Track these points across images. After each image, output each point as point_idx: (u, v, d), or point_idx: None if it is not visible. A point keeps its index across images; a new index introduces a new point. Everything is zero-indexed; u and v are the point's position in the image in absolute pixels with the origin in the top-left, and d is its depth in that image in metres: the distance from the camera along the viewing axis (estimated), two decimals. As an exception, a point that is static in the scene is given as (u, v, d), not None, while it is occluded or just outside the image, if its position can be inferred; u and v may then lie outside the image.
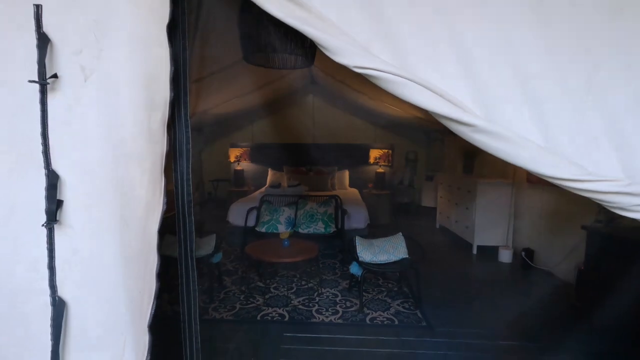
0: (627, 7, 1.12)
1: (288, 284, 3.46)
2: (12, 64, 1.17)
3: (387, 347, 2.47)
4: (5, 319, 1.24)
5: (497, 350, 2.38)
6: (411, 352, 2.40)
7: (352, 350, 2.41)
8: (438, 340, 2.53)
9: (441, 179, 5.93)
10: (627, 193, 1.07)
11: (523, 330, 2.60)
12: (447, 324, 2.74)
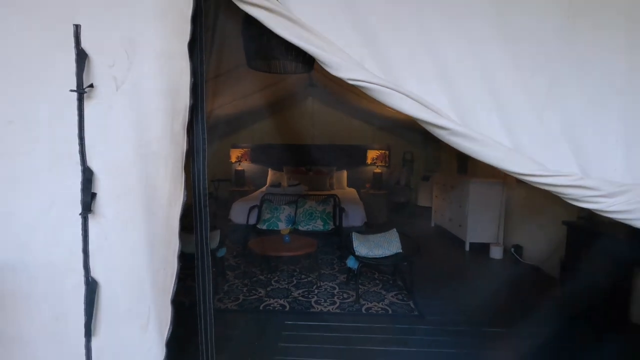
0: (581, 27, 1.32)
1: (288, 278, 3.64)
2: (52, 75, 1.35)
3: (381, 334, 2.65)
4: (45, 297, 1.43)
5: (483, 336, 2.57)
6: (403, 338, 2.59)
7: (349, 337, 2.59)
8: (428, 328, 2.71)
9: (437, 179, 6.12)
10: (579, 186, 1.26)
11: (507, 318, 2.78)
12: (437, 314, 2.92)
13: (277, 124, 7.24)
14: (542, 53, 1.33)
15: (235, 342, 2.47)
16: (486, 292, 3.34)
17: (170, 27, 1.34)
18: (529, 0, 1.30)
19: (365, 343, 2.53)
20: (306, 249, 3.39)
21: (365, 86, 1.26)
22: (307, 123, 7.15)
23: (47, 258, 1.41)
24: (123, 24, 1.33)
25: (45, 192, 1.38)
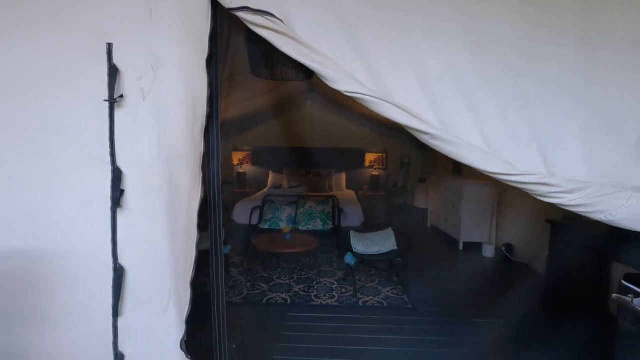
0: (544, 45, 1.52)
1: (289, 274, 3.83)
2: (86, 86, 1.55)
3: (376, 324, 2.85)
4: (76, 281, 1.62)
5: (471, 326, 2.76)
6: (397, 327, 2.78)
7: (346, 326, 2.78)
8: (421, 318, 2.91)
9: (432, 181, 6.33)
10: (544, 183, 1.46)
11: (494, 310, 2.98)
12: (429, 306, 3.12)
13: (278, 128, 7.44)
14: (511, 68, 1.53)
15: (241, 331, 2.65)
16: (476, 287, 3.54)
17: (191, 45, 1.54)
18: (497, 24, 1.50)
19: (362, 332, 2.72)
20: (306, 246, 3.59)
21: (358, 97, 1.46)
22: (306, 126, 7.35)
23: (79, 247, 1.60)
24: (149, 42, 1.53)
25: (79, 189, 1.58)
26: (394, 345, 2.53)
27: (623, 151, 1.51)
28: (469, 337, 2.57)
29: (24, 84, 1.53)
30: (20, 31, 1.52)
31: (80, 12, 1.53)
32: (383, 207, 6.68)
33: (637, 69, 1.50)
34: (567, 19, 1.52)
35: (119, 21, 1.53)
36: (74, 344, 1.63)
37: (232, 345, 1.84)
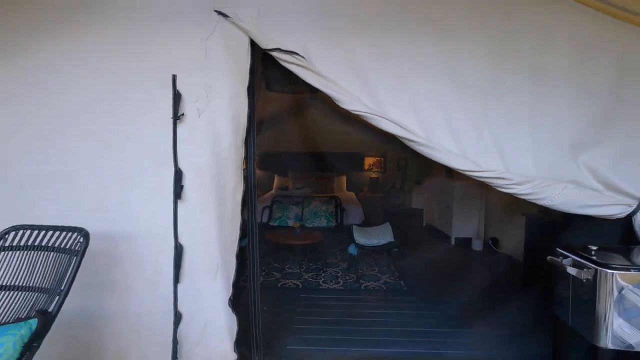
0: (502, 73, 2.02)
1: (299, 265, 4.30)
2: (158, 107, 2.04)
3: (376, 303, 3.32)
4: (148, 257, 2.09)
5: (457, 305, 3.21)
6: (394, 306, 3.26)
7: (351, 304, 3.26)
8: (415, 299, 3.38)
9: (428, 183, 6.82)
10: (501, 177, 1.96)
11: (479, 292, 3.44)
12: (422, 290, 3.59)
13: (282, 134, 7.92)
14: (478, 93, 2.03)
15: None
16: (463, 275, 4.01)
17: (235, 77, 2.04)
18: (469, 61, 2.00)
19: (364, 309, 3.20)
20: (314, 239, 4.07)
21: (362, 114, 1.96)
22: (309, 133, 7.83)
23: (149, 230, 2.09)
24: (204, 74, 2.03)
25: (150, 185, 2.07)
26: (391, 319, 3.00)
27: (560, 154, 2.01)
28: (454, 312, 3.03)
29: (113, 107, 2.03)
30: (112, 66, 2.02)
31: (153, 51, 2.03)
32: (382, 208, 7.15)
33: (572, 95, 2.00)
34: (520, 57, 2.02)
35: (182, 58, 2.03)
36: (145, 306, 2.11)
37: (264, 307, 2.30)
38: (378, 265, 4.34)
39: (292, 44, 1.99)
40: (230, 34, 2.02)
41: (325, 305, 3.23)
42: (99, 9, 2.01)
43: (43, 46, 2.02)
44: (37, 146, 2.06)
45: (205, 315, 2.14)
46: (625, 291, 1.48)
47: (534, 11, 2.01)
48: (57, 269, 1.63)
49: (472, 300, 3.21)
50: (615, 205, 1.97)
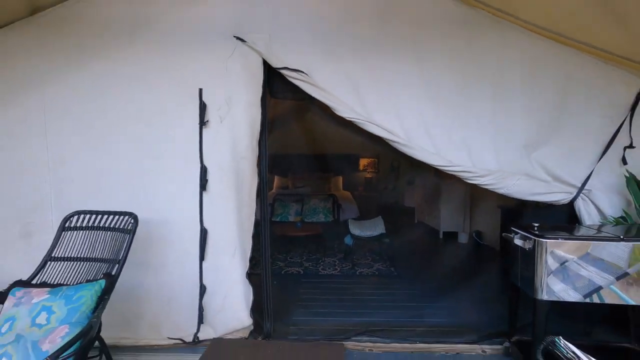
0: (469, 89, 2.49)
1: (300, 256, 4.73)
2: (187, 115, 2.47)
3: (369, 285, 3.76)
4: (177, 239, 2.52)
5: (441, 287, 3.65)
6: (385, 286, 3.70)
7: (348, 287, 3.69)
8: (404, 282, 3.82)
9: (419, 183, 7.29)
10: (467, 171, 2.42)
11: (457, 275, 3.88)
12: (411, 275, 4.03)
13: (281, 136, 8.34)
14: (450, 103, 2.48)
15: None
16: (448, 263, 4.47)
17: (251, 89, 2.48)
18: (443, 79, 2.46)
19: (359, 290, 3.63)
20: (313, 231, 4.52)
21: (354, 120, 2.41)
22: (307, 135, 8.27)
23: (179, 217, 2.52)
24: (225, 87, 2.47)
25: (180, 179, 2.50)
26: (381, 296, 3.43)
27: (516, 152, 2.47)
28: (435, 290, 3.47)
29: (151, 115, 2.46)
30: (150, 81, 2.46)
31: (184, 69, 2.47)
32: (376, 206, 7.60)
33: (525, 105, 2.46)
34: (482, 74, 2.48)
35: (206, 74, 2.47)
36: (176, 280, 2.53)
37: (274, 282, 2.73)
38: (371, 254, 4.78)
39: (296, 63, 2.45)
40: (246, 54, 2.46)
41: (324, 288, 3.67)
42: (143, 34, 2.45)
43: (95, 65, 2.46)
44: (86, 148, 2.49)
45: (226, 288, 2.56)
46: (553, 255, 1.94)
47: (493, 36, 2.47)
48: (115, 244, 2.06)
49: (451, 281, 3.65)
50: (559, 193, 2.44)
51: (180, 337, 2.51)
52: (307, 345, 2.47)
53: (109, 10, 2.48)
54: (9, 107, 2.46)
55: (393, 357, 2.42)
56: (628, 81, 2.39)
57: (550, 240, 1.95)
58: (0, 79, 2.44)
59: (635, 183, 2.32)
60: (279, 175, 8.07)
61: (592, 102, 2.43)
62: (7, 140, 2.46)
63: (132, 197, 2.47)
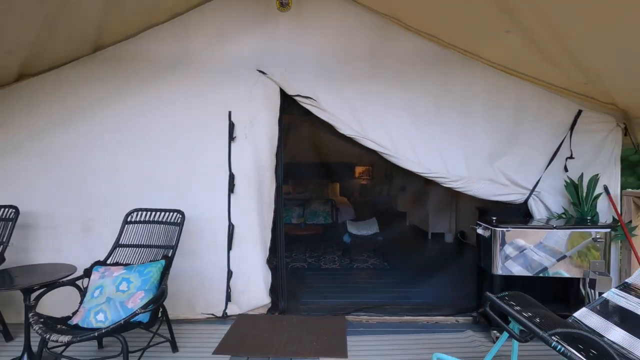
0: (443, 109, 3.13)
1: (303, 253, 5.31)
2: (219, 131, 3.08)
3: (365, 276, 4.35)
4: (209, 231, 3.10)
5: (427, 278, 4.26)
6: (379, 276, 4.29)
7: (346, 278, 4.28)
8: (396, 274, 4.42)
9: (410, 189, 7.92)
10: (442, 177, 3.05)
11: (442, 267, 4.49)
12: (402, 268, 4.63)
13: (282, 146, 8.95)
14: (427, 120, 3.12)
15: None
16: (433, 257, 5.08)
17: (270, 111, 3.09)
18: (420, 102, 3.10)
19: (356, 280, 4.22)
20: (315, 231, 5.10)
21: (353, 137, 3.03)
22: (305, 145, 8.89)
23: (212, 213, 3.10)
24: (250, 109, 3.08)
25: (212, 183, 3.09)
26: (375, 284, 4.03)
27: (482, 161, 3.10)
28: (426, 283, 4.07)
29: (189, 131, 3.06)
30: (189, 103, 3.06)
31: (216, 95, 3.08)
32: (370, 210, 8.20)
33: (487, 123, 3.11)
34: (453, 99, 3.12)
35: (234, 99, 3.09)
36: (209, 266, 3.10)
37: (287, 267, 3.31)
38: (367, 251, 5.38)
39: (306, 91, 3.07)
40: (266, 83, 3.08)
41: (327, 278, 4.26)
42: (182, 67, 3.07)
43: (143, 91, 3.06)
44: (136, 158, 3.08)
45: (248, 272, 3.14)
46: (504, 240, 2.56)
47: (461, 70, 3.11)
48: (167, 233, 2.65)
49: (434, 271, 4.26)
50: (516, 194, 3.07)
51: (212, 312, 3.09)
52: (316, 318, 3.07)
53: (155, 47, 3.10)
54: (74, 126, 3.05)
55: (385, 326, 3.00)
56: (567, 106, 3.05)
57: (501, 229, 2.57)
58: (67, 104, 3.04)
59: (572, 186, 2.96)
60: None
61: (540, 122, 3.08)
62: (73, 152, 3.04)
63: (173, 198, 3.04)
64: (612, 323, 1.99)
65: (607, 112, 3.04)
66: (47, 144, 3.04)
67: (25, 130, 3.03)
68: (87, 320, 2.11)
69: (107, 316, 2.10)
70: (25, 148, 3.03)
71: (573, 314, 2.18)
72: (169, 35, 3.08)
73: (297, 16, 3.10)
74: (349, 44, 3.13)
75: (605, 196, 3.03)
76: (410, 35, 3.12)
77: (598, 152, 3.06)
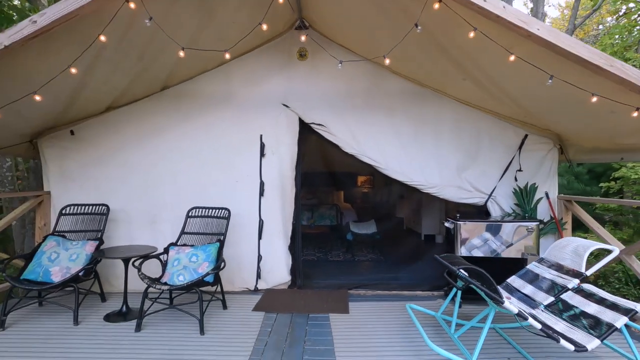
0: (421, 131, 4.14)
1: (312, 249, 6.28)
2: (254, 150, 4.10)
3: (365, 266, 5.32)
4: (246, 225, 4.10)
5: (412, 264, 5.20)
6: (376, 267, 5.25)
7: (349, 268, 5.24)
8: (390, 264, 5.38)
9: (406, 196, 8.88)
10: (421, 184, 4.04)
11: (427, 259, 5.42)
12: (396, 260, 5.58)
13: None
14: (409, 141, 4.11)
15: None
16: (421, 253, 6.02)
17: (291, 135, 4.12)
18: (403, 127, 4.10)
19: (357, 268, 5.18)
20: (323, 230, 6.08)
21: (353, 154, 4.04)
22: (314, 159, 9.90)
23: (247, 211, 4.11)
24: (276, 133, 4.11)
25: (248, 189, 4.11)
26: (372, 272, 4.98)
27: (451, 172, 4.09)
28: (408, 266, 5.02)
29: (230, 150, 4.10)
30: (231, 130, 4.10)
31: (251, 122, 4.12)
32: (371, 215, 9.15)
33: (454, 143, 4.10)
34: (428, 125, 4.13)
35: (265, 125, 4.12)
36: (244, 251, 4.10)
37: (302, 252, 4.29)
38: (366, 248, 6.35)
39: (319, 119, 4.09)
40: (289, 113, 4.11)
41: (333, 267, 5.23)
42: (226, 101, 4.11)
43: (196, 120, 4.10)
44: (191, 170, 4.10)
45: (274, 257, 4.12)
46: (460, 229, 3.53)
47: (434, 103, 4.11)
48: (218, 225, 3.65)
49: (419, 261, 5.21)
50: (477, 198, 4.05)
51: (247, 287, 4.07)
52: (325, 291, 4.04)
53: (206, 87, 4.14)
54: (144, 145, 4.08)
55: (377, 297, 3.95)
56: (516, 131, 4.04)
57: (460, 222, 3.55)
58: (140, 128, 4.08)
59: (519, 192, 3.93)
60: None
61: (495, 143, 4.06)
62: (143, 165, 4.07)
63: (218, 200, 4.05)
64: (527, 282, 2.95)
65: (546, 136, 4.02)
66: (124, 158, 4.08)
67: (109, 147, 4.07)
68: (172, 280, 3.10)
69: (185, 277, 3.09)
70: (109, 161, 4.07)
71: (506, 280, 3.14)
72: (216, 78, 4.13)
73: (312, 64, 4.14)
74: (350, 84, 4.16)
75: (546, 200, 4.00)
76: (396, 78, 4.14)
77: (540, 166, 4.04)
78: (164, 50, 3.24)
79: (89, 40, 2.69)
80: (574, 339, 2.09)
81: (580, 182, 6.36)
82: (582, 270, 2.59)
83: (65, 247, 3.37)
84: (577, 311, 2.42)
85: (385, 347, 2.80)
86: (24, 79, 2.89)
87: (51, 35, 2.56)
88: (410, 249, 6.35)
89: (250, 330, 3.04)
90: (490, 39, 2.56)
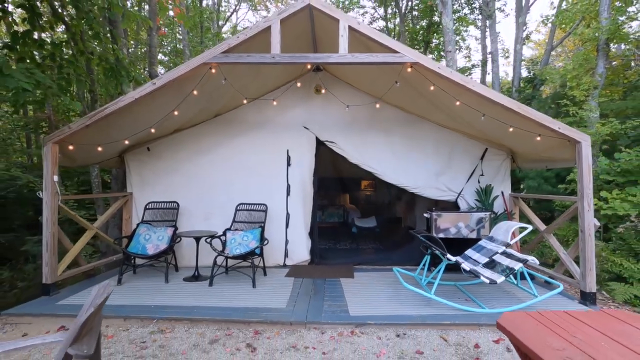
0: (409, 142, 5.51)
1: (324, 241, 7.63)
2: (282, 161, 5.50)
3: (367, 252, 6.67)
4: (276, 218, 5.48)
5: (405, 249, 6.53)
6: (375, 250, 6.60)
7: (355, 253, 6.59)
8: (386, 251, 6.72)
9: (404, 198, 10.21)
10: (407, 186, 5.40)
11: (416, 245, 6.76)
12: (393, 247, 6.92)
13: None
14: (400, 154, 5.48)
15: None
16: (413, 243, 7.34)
17: (310, 150, 5.51)
18: (395, 143, 5.48)
19: (362, 253, 6.53)
20: (333, 224, 7.44)
21: (357, 164, 5.42)
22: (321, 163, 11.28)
23: (277, 206, 5.49)
24: (299, 149, 5.51)
25: (278, 190, 5.50)
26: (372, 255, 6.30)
27: (431, 177, 5.45)
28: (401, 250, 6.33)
29: (264, 162, 5.50)
30: (265, 147, 5.51)
31: (280, 141, 5.53)
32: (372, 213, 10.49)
33: (434, 155, 5.46)
34: (415, 141, 5.50)
35: (290, 143, 5.52)
36: (275, 237, 5.47)
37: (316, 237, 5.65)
38: (368, 240, 7.69)
39: (331, 138, 5.48)
40: (308, 134, 5.51)
41: (340, 254, 6.58)
42: (262, 125, 5.52)
43: (242, 139, 5.52)
44: (239, 177, 5.50)
45: (297, 240, 5.49)
46: (436, 219, 4.87)
47: (420, 126, 5.50)
48: (259, 216, 5.04)
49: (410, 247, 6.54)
50: (450, 196, 5.41)
51: (277, 263, 5.44)
52: (336, 266, 5.41)
53: (247, 115, 5.56)
54: (202, 158, 5.50)
55: (375, 270, 5.29)
56: (479, 146, 5.40)
57: (434, 213, 4.91)
58: (199, 145, 5.50)
59: (481, 192, 5.27)
60: (303, 193, 11.02)
61: (463, 155, 5.42)
62: (202, 173, 5.49)
63: (259, 198, 5.44)
64: (476, 252, 4.29)
65: (501, 149, 5.38)
66: (187, 168, 5.50)
67: (175, 160, 5.49)
68: (232, 251, 4.49)
69: (241, 250, 4.48)
70: (176, 170, 5.49)
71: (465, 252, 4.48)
72: (255, 108, 5.55)
73: (326, 96, 5.55)
74: (355, 111, 5.55)
75: (501, 197, 5.34)
76: (390, 107, 5.53)
77: (497, 172, 5.40)
78: (224, 94, 4.67)
79: (184, 93, 4.13)
80: (489, 277, 3.44)
81: (548, 184, 7.62)
82: (508, 240, 3.93)
83: (154, 230, 4.77)
84: (498, 263, 3.77)
85: (377, 295, 4.15)
86: (143, 119, 4.34)
87: (160, 90, 3.99)
88: (403, 239, 7.68)
89: (286, 286, 4.41)
90: (445, 91, 3.95)
